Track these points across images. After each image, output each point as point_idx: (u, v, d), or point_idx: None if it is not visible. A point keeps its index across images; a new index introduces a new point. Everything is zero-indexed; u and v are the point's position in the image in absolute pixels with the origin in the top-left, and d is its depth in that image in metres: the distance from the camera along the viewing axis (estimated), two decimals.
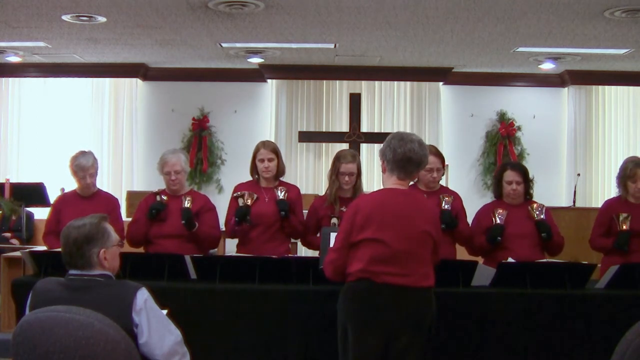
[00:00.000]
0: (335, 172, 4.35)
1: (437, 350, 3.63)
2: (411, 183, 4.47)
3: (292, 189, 4.56)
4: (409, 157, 3.18)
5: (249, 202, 4.35)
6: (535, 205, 4.29)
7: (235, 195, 4.42)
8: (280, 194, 4.39)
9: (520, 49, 7.61)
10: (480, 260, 4.29)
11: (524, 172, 4.36)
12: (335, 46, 7.64)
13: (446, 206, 4.26)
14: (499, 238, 4.21)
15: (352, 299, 3.15)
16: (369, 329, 3.10)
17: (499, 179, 4.42)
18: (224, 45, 7.62)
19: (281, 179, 4.62)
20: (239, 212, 4.34)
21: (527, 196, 4.40)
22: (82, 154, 4.63)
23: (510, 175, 4.34)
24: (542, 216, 4.26)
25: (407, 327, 3.10)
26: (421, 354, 3.15)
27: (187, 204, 4.37)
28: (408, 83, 9.24)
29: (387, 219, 3.11)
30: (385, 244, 3.08)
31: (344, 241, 3.17)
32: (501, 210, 4.26)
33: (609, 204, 4.55)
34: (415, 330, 3.12)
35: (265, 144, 4.52)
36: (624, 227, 4.27)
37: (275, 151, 4.50)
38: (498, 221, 4.24)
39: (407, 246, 3.10)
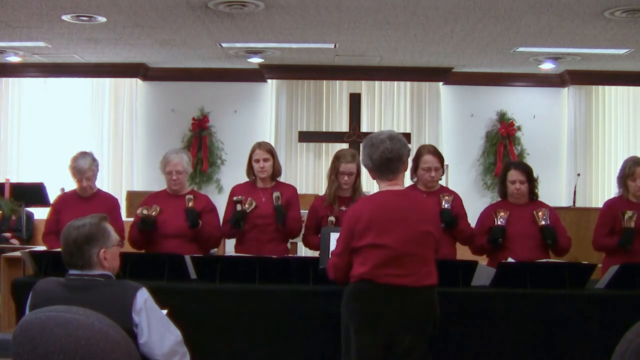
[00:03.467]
0: (334, 172, 4.34)
1: (437, 350, 3.63)
2: (411, 183, 4.52)
3: (287, 189, 4.58)
4: (387, 157, 3.17)
5: (247, 208, 4.36)
6: (540, 214, 4.24)
7: (234, 199, 4.41)
8: (276, 201, 4.40)
9: (520, 49, 7.61)
10: (483, 260, 4.29)
11: (527, 172, 4.35)
12: (335, 46, 7.64)
13: (446, 205, 4.26)
14: (500, 240, 4.21)
15: (354, 300, 3.16)
16: (370, 329, 3.10)
17: (503, 178, 4.42)
18: (224, 45, 7.62)
19: (279, 179, 4.63)
20: (234, 217, 4.36)
21: (533, 196, 4.38)
22: (82, 155, 4.63)
23: (513, 174, 4.33)
24: (546, 222, 4.21)
25: (410, 328, 3.09)
26: (425, 355, 3.14)
27: (190, 204, 4.38)
28: (408, 83, 9.24)
29: (387, 223, 3.11)
30: (386, 248, 3.08)
31: (345, 246, 3.18)
32: (503, 213, 4.26)
33: (611, 203, 4.54)
34: (418, 331, 3.11)
35: (260, 145, 4.54)
36: (630, 224, 4.26)
37: (271, 151, 4.52)
38: (499, 223, 4.24)
39: (409, 248, 3.10)
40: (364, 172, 3.68)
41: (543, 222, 4.21)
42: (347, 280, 3.21)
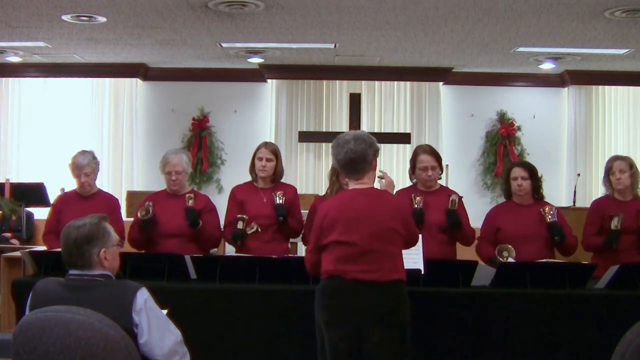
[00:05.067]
0: (335, 173, 4.34)
1: (437, 350, 3.63)
2: (410, 184, 4.52)
3: (288, 189, 4.58)
4: (350, 158, 3.26)
5: (249, 230, 4.33)
6: (547, 209, 4.25)
7: (238, 217, 4.36)
8: (278, 200, 4.40)
9: (520, 49, 7.61)
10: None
11: (530, 169, 4.37)
12: (335, 46, 7.64)
13: (451, 207, 4.25)
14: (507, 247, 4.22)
15: (323, 296, 3.24)
16: (339, 324, 3.16)
17: (506, 177, 4.44)
18: (224, 45, 7.62)
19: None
20: (235, 234, 4.34)
21: (537, 195, 4.39)
22: (82, 153, 4.66)
23: (515, 171, 4.37)
24: (554, 218, 4.22)
25: (378, 322, 3.13)
26: (397, 351, 3.16)
27: (190, 203, 4.39)
28: (408, 83, 9.23)
29: (351, 221, 3.19)
30: (351, 244, 3.16)
31: (315, 244, 3.30)
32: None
33: (598, 202, 4.60)
34: (387, 326, 3.14)
35: (267, 144, 4.56)
36: (614, 226, 4.29)
37: (275, 153, 4.52)
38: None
39: (374, 245, 3.16)
40: None
41: (550, 218, 4.23)
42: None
